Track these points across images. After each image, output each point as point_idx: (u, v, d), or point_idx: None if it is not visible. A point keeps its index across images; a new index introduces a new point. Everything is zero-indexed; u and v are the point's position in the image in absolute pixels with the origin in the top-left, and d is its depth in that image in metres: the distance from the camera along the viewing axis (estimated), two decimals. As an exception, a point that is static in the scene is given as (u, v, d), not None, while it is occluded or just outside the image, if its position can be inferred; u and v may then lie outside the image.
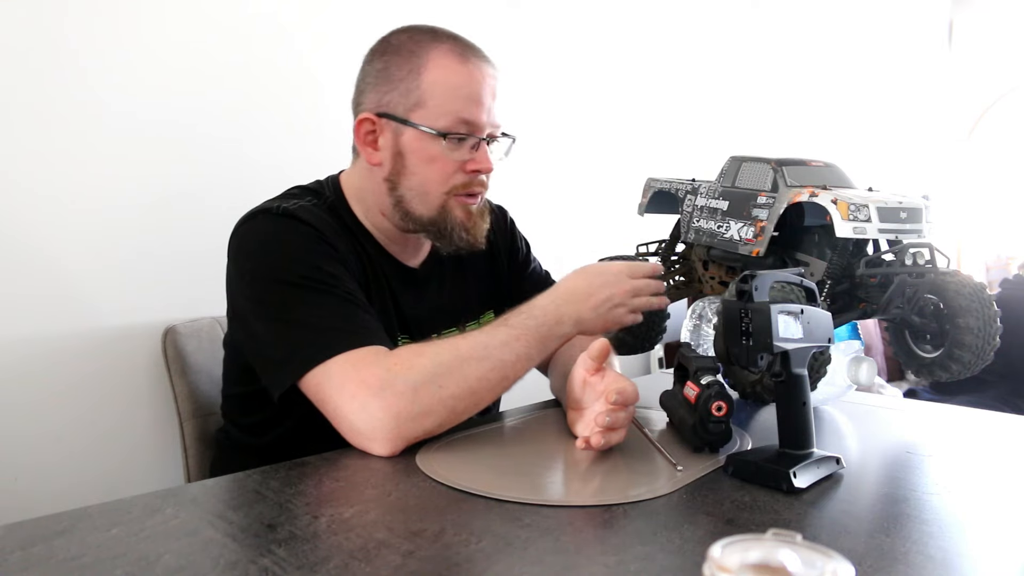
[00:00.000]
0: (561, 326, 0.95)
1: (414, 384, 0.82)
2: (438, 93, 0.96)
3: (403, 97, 0.97)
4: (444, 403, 0.84)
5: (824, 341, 0.77)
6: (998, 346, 0.91)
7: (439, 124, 0.97)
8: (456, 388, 0.84)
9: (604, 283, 0.98)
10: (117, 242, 1.29)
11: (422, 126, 0.97)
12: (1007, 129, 3.82)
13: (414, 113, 0.97)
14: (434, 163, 0.98)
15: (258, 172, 1.45)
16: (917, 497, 0.73)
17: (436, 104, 0.96)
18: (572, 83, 2.22)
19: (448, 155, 0.98)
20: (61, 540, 0.59)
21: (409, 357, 0.85)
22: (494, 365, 0.88)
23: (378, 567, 0.55)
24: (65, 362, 1.23)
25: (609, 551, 0.60)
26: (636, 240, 1.22)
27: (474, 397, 0.87)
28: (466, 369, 0.86)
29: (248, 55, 1.46)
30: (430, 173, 0.99)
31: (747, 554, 0.37)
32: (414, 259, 1.11)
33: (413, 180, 1.00)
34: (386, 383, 0.82)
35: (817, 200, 0.89)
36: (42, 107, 1.20)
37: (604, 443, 0.81)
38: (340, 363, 0.83)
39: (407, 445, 0.83)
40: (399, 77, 0.97)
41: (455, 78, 0.97)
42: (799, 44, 3.10)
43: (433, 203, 1.00)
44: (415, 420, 0.82)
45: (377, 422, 0.81)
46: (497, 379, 0.88)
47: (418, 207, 1.01)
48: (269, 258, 0.93)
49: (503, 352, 0.89)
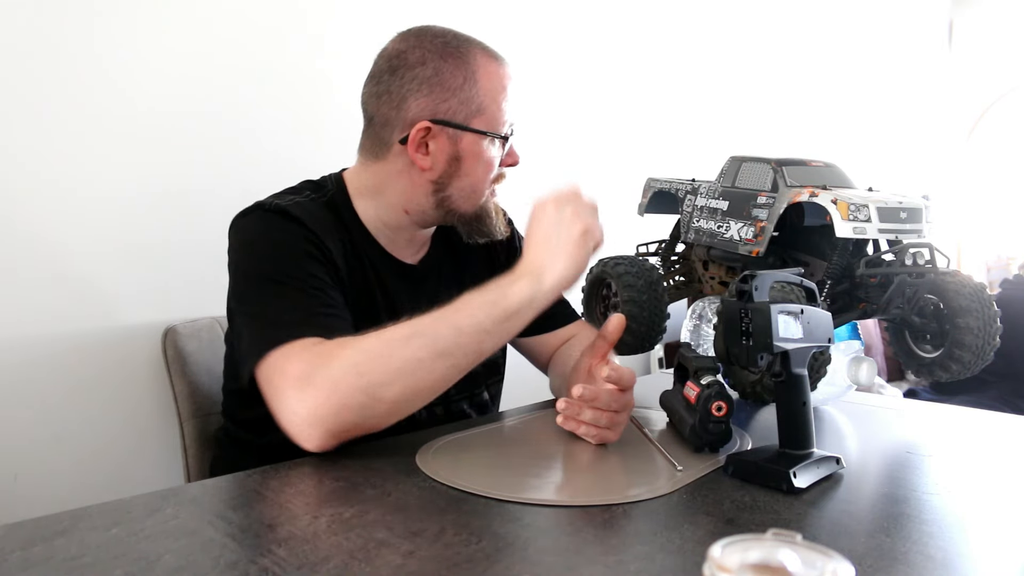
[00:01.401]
0: (517, 284, 0.85)
1: (332, 376, 0.79)
2: (496, 100, 1.01)
3: (463, 105, 1.00)
4: (367, 392, 0.79)
5: (824, 341, 0.77)
6: (998, 346, 0.91)
7: (497, 128, 1.02)
8: (380, 375, 0.79)
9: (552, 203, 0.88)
10: (117, 242, 1.29)
11: (488, 132, 1.01)
12: (1007, 129, 3.82)
13: (476, 119, 1.01)
14: (488, 164, 1.03)
15: (258, 171, 1.44)
16: (917, 497, 0.73)
17: (495, 111, 1.01)
18: (572, 83, 2.22)
19: (497, 155, 1.04)
20: (61, 540, 0.59)
21: (333, 348, 0.82)
22: (425, 342, 0.81)
23: (378, 567, 0.55)
24: (65, 362, 1.23)
25: (609, 551, 0.60)
26: (636, 240, 1.22)
27: (406, 381, 0.80)
28: (391, 351, 0.80)
29: (250, 53, 1.46)
30: (483, 173, 1.03)
31: (747, 554, 0.37)
32: (413, 256, 1.11)
33: (465, 181, 1.03)
34: (306, 377, 0.80)
35: (817, 200, 0.89)
36: (41, 106, 1.20)
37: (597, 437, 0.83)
38: (275, 357, 0.83)
39: (337, 440, 0.80)
40: (456, 85, 1.00)
41: (501, 84, 1.02)
42: (799, 44, 3.10)
43: (479, 199, 1.05)
44: (337, 414, 0.79)
45: (296, 417, 0.80)
46: (432, 356, 0.81)
47: (463, 204, 1.04)
48: (250, 254, 0.96)
49: (437, 327, 0.82)
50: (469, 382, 1.12)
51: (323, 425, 0.79)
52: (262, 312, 0.89)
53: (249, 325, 0.90)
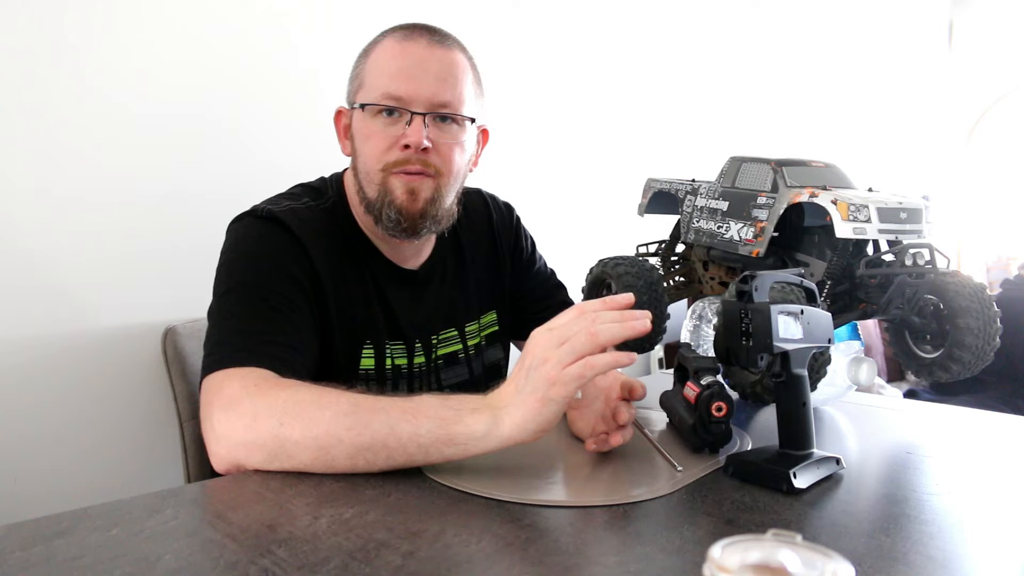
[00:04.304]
0: (476, 416, 0.73)
1: (256, 411, 0.77)
2: (373, 72, 1.00)
3: (353, 82, 1.03)
4: (280, 442, 0.75)
5: (824, 341, 0.77)
6: (998, 346, 0.91)
7: (371, 98, 0.99)
8: (299, 433, 0.74)
9: (534, 347, 0.74)
10: (117, 242, 1.29)
11: (356, 104, 1.00)
12: (1007, 129, 3.82)
13: (357, 95, 1.01)
14: (370, 139, 0.99)
15: (258, 172, 1.44)
16: (917, 498, 0.73)
17: (370, 82, 1.00)
18: (572, 83, 2.22)
19: (383, 131, 0.98)
20: (61, 540, 0.59)
21: (271, 387, 0.79)
22: (353, 424, 0.73)
23: (378, 567, 0.55)
24: (65, 363, 1.23)
25: (609, 551, 0.60)
26: (636, 240, 1.22)
27: (320, 452, 0.74)
28: (317, 415, 0.75)
29: (250, 54, 1.46)
30: (368, 149, 1.00)
31: (747, 554, 0.37)
32: (414, 261, 1.10)
33: (359, 160, 1.02)
34: (234, 402, 0.79)
35: (817, 200, 0.89)
36: (41, 106, 1.20)
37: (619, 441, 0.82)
38: (219, 376, 0.83)
39: (237, 470, 0.77)
40: (356, 67, 1.04)
41: (390, 57, 0.99)
42: (799, 44, 3.10)
43: (374, 180, 0.99)
44: (246, 447, 0.76)
45: (211, 434, 0.79)
46: (353, 442, 0.73)
47: (367, 187, 1.01)
48: (229, 264, 0.96)
49: (374, 417, 0.74)
50: (470, 387, 1.12)
51: (231, 452, 0.77)
52: (220, 326, 0.90)
53: (209, 338, 0.90)
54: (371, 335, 1.02)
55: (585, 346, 0.71)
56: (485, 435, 0.73)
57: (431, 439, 0.73)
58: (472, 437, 0.73)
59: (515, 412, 0.72)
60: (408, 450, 0.73)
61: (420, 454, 0.74)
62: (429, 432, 0.73)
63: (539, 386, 0.71)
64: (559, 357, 0.71)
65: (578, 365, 0.70)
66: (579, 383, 0.71)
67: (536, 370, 0.72)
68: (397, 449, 0.73)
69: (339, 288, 0.99)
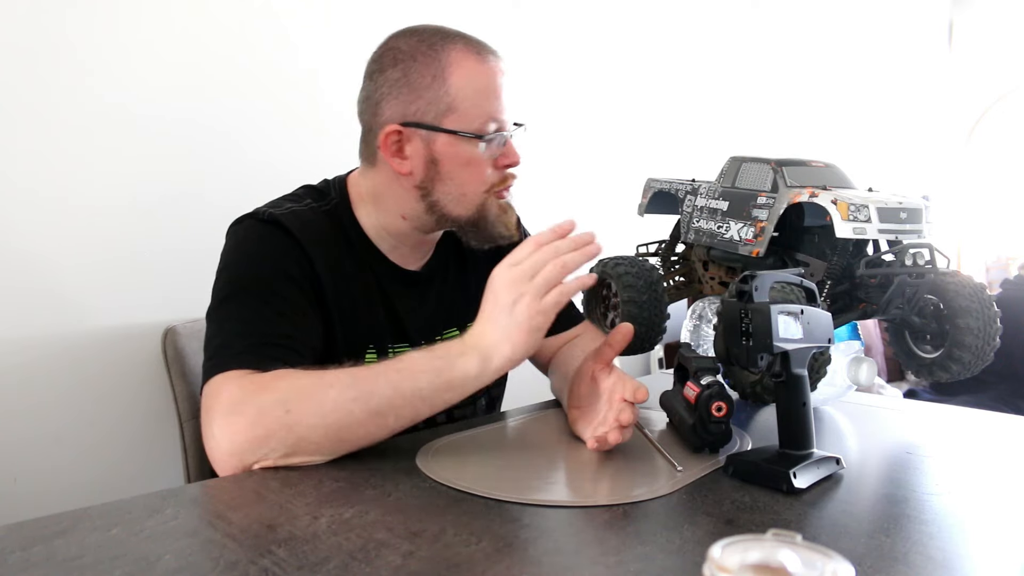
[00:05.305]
0: (465, 358, 0.81)
1: (260, 406, 0.77)
2: (468, 96, 0.96)
3: (432, 104, 0.96)
4: (290, 429, 0.76)
5: (824, 341, 0.77)
6: (998, 347, 0.91)
7: (474, 127, 0.97)
8: (307, 416, 0.77)
9: (505, 284, 0.82)
10: (117, 243, 1.29)
11: (460, 131, 0.96)
12: (1007, 129, 3.82)
13: (447, 119, 0.96)
14: (470, 166, 0.98)
15: (258, 172, 1.45)
16: (917, 498, 0.73)
17: (468, 107, 0.96)
18: (572, 83, 2.22)
19: (483, 155, 0.99)
20: (61, 540, 0.59)
21: (268, 380, 0.80)
22: (359, 395, 0.78)
23: (378, 567, 0.55)
24: (65, 363, 1.23)
25: (609, 551, 0.60)
26: (636, 240, 1.22)
27: (331, 428, 0.77)
28: (323, 395, 0.78)
29: (249, 56, 1.46)
30: (467, 176, 0.99)
31: (747, 554, 0.37)
32: (417, 263, 1.10)
33: (450, 185, 0.99)
34: (235, 403, 0.78)
35: (817, 200, 0.89)
36: (40, 107, 1.20)
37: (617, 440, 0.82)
38: (218, 380, 0.83)
39: (246, 469, 0.78)
40: (424, 84, 0.96)
41: (480, 78, 0.97)
42: (799, 44, 3.10)
43: (472, 204, 1.01)
44: (255, 443, 0.76)
45: (213, 441, 0.78)
46: (363, 411, 0.78)
47: (455, 209, 1.01)
48: (230, 266, 0.95)
49: (376, 382, 0.79)
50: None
51: (238, 454, 0.77)
52: (221, 329, 0.89)
53: (209, 342, 0.89)
54: (374, 338, 1.02)
55: (558, 276, 0.81)
56: (480, 373, 0.81)
57: (432, 389, 0.80)
58: (468, 378, 0.81)
59: (504, 347, 0.81)
60: (414, 404, 0.80)
61: (425, 407, 0.81)
62: (429, 383, 0.80)
63: (522, 319, 0.80)
64: (535, 290, 0.80)
65: (554, 293, 0.81)
66: (557, 310, 0.81)
67: (516, 304, 0.80)
68: (404, 407, 0.80)
69: (341, 291, 0.99)
